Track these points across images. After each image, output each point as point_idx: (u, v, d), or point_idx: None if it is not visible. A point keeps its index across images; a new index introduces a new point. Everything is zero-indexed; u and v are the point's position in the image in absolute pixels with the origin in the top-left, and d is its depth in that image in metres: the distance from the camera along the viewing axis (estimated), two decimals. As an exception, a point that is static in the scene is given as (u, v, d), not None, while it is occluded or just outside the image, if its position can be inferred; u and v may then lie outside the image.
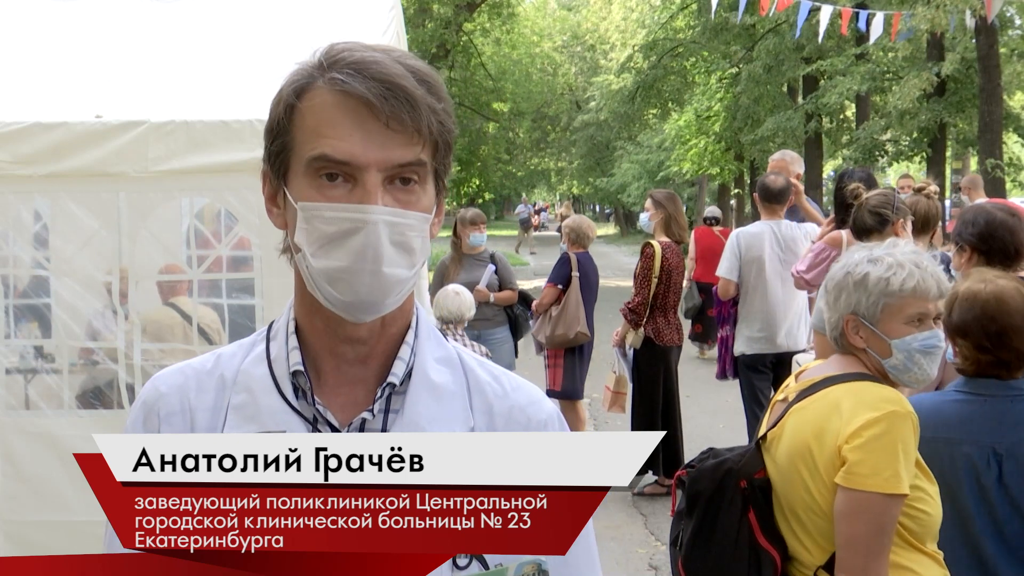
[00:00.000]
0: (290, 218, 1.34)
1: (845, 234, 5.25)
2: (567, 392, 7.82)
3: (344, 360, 1.38)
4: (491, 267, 7.85)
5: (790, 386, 2.85)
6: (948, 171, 23.92)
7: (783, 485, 2.70)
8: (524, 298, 8.06)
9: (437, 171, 1.35)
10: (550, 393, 7.61)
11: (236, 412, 1.37)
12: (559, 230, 15.36)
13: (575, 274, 7.80)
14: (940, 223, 8.69)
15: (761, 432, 2.83)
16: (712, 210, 15.07)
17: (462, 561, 1.29)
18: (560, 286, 7.79)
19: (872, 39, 14.03)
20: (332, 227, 1.29)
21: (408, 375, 1.39)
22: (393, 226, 1.29)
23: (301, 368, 1.37)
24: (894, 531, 2.57)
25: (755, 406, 6.83)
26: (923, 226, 5.06)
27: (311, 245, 1.31)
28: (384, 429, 1.36)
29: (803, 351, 6.71)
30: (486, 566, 1.29)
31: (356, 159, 1.28)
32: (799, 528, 2.68)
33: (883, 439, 2.53)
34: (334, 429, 1.35)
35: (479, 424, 1.39)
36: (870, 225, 4.67)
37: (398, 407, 1.37)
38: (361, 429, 1.35)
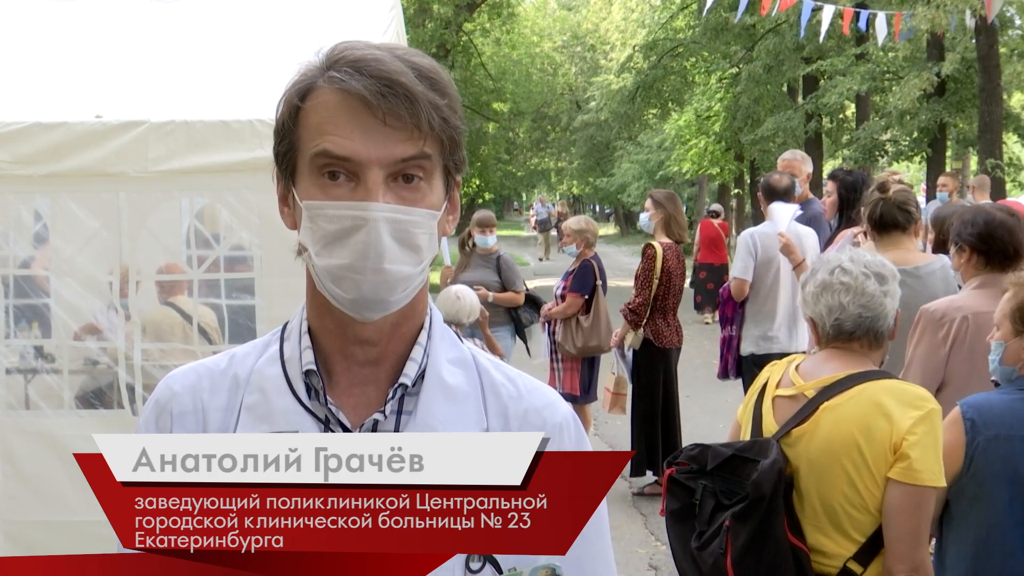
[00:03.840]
0: (298, 218, 1.35)
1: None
2: (585, 396, 7.80)
3: (355, 361, 1.37)
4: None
5: (796, 382, 2.85)
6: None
7: (816, 480, 2.74)
8: (532, 300, 7.98)
9: (447, 167, 1.34)
10: (567, 397, 7.58)
11: (249, 412, 1.37)
12: (554, 228, 16.52)
13: (599, 282, 7.74)
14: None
15: (778, 428, 2.82)
16: (715, 206, 18.51)
17: (475, 565, 1.29)
18: (585, 295, 7.70)
19: (880, 40, 14.02)
20: (334, 225, 1.29)
21: (421, 376, 1.38)
22: (395, 223, 1.29)
23: (314, 367, 1.36)
24: None
25: (759, 405, 6.81)
26: None
27: (315, 244, 1.31)
28: (396, 431, 1.34)
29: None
30: (499, 570, 1.28)
31: (357, 155, 1.27)
32: (828, 521, 2.72)
33: (930, 436, 2.65)
34: (346, 430, 1.34)
35: (493, 426, 1.38)
36: (899, 221, 4.56)
37: (411, 408, 1.36)
38: (373, 430, 1.34)
